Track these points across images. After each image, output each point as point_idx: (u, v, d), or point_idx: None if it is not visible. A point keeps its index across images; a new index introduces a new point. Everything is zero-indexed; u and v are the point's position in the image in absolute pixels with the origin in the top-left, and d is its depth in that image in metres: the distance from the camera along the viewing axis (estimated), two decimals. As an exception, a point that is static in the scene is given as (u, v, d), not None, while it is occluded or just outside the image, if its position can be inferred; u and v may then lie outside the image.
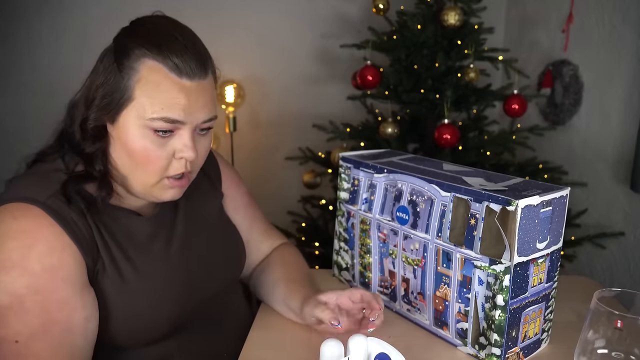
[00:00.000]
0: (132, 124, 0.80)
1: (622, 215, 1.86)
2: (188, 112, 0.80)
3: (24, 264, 0.74)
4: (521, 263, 0.80)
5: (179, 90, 0.79)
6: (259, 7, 2.50)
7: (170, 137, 0.81)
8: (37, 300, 0.74)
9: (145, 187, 0.84)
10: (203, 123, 0.83)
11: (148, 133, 0.80)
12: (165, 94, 0.78)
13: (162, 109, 0.78)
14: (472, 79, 1.73)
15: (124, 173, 0.84)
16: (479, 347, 0.86)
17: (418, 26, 1.81)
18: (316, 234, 2.09)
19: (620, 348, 0.64)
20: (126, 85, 0.79)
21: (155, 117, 0.78)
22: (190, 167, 0.85)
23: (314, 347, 0.78)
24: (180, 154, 0.82)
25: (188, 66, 0.79)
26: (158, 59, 0.79)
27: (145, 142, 0.80)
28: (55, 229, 0.77)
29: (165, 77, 0.79)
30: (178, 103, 0.79)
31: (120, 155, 0.83)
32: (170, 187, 0.85)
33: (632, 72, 1.80)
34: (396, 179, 0.98)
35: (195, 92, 0.81)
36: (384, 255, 1.01)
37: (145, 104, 0.79)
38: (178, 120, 0.80)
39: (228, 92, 2.40)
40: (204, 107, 0.82)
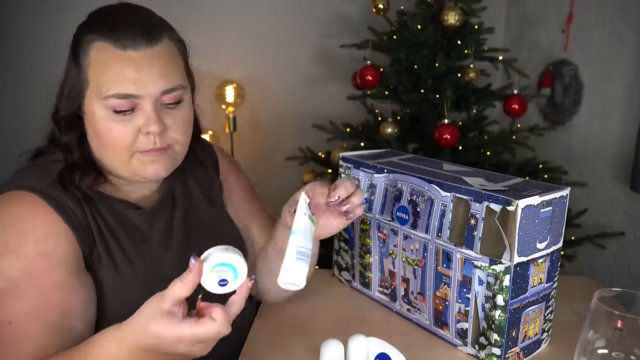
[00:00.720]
0: (94, 107, 0.80)
1: (622, 215, 1.86)
2: (140, 85, 0.77)
3: (19, 249, 0.75)
4: (521, 263, 0.80)
5: (127, 63, 0.77)
6: (259, 7, 2.50)
7: (133, 115, 0.79)
8: (33, 284, 0.74)
9: (122, 166, 0.83)
10: (164, 95, 0.80)
11: (109, 113, 0.79)
12: (114, 70, 0.77)
13: (114, 86, 0.77)
14: (472, 79, 1.73)
15: (100, 157, 0.85)
16: (479, 347, 0.86)
17: (418, 26, 1.81)
18: (316, 234, 2.09)
19: (621, 348, 0.64)
20: (82, 72, 0.80)
21: (108, 94, 0.77)
22: (160, 142, 0.81)
23: (314, 347, 0.78)
24: (145, 129, 0.80)
25: (131, 37, 0.77)
26: (102, 38, 0.78)
27: (107, 122, 0.79)
28: (52, 216, 0.77)
29: (112, 53, 0.77)
30: (128, 77, 0.77)
31: (92, 141, 0.84)
32: (149, 162, 0.82)
33: (632, 72, 1.80)
34: (396, 179, 0.98)
35: (145, 62, 0.78)
36: (384, 255, 1.01)
37: (99, 84, 0.78)
38: (131, 94, 0.77)
39: (228, 92, 2.40)
40: (160, 77, 0.79)
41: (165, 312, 0.63)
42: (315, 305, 1.05)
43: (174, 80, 0.81)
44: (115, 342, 0.67)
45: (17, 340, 0.73)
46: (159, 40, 0.80)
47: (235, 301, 0.66)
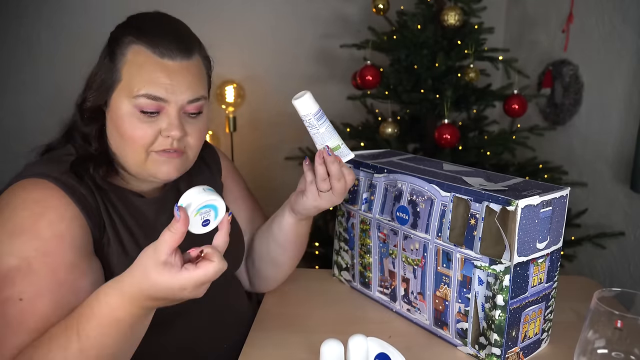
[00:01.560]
0: (121, 104, 0.84)
1: (622, 215, 1.86)
2: (171, 91, 0.84)
3: (34, 230, 0.77)
4: (521, 263, 0.80)
5: (161, 69, 0.83)
6: (259, 7, 2.50)
7: (157, 117, 0.85)
8: (46, 262, 0.77)
9: (137, 163, 0.87)
10: (189, 104, 0.86)
11: (135, 112, 0.84)
12: (148, 73, 0.83)
13: (145, 86, 0.83)
14: (472, 79, 1.73)
15: (117, 152, 0.89)
16: (479, 347, 0.86)
17: (418, 26, 1.81)
18: (316, 234, 2.09)
19: (620, 348, 0.64)
20: (116, 69, 0.85)
21: (139, 93, 0.83)
22: (177, 145, 0.86)
23: (314, 347, 0.78)
24: (166, 132, 0.85)
25: (169, 47, 0.84)
26: (142, 43, 0.84)
27: (132, 120, 0.84)
28: (66, 200, 0.81)
29: (148, 57, 0.83)
30: (161, 81, 0.83)
31: (112, 135, 0.88)
32: (162, 162, 0.87)
33: (632, 72, 1.80)
34: (396, 179, 0.98)
35: (179, 72, 0.85)
36: (384, 255, 1.01)
37: (131, 83, 0.83)
38: (161, 98, 0.83)
39: (228, 92, 2.40)
40: (189, 88, 0.85)
41: (162, 263, 0.66)
42: (315, 305, 1.05)
43: (199, 92, 0.87)
44: (115, 295, 0.69)
45: (27, 317, 0.74)
46: (192, 55, 0.87)
47: (221, 237, 0.71)
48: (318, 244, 2.05)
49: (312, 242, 2.08)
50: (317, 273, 1.22)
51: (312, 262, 2.13)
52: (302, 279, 1.17)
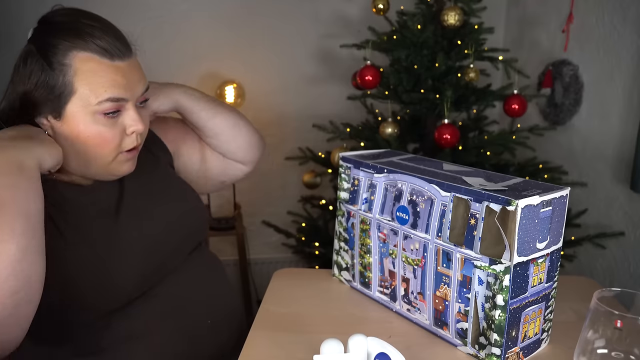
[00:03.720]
0: (80, 114, 0.87)
1: (622, 215, 1.86)
2: (129, 89, 0.89)
3: None
4: (521, 263, 0.80)
5: (115, 71, 0.87)
6: (259, 7, 2.50)
7: (118, 116, 0.90)
8: None
9: (102, 165, 0.92)
10: (141, 96, 0.93)
11: (99, 117, 0.87)
12: (104, 78, 0.86)
13: (106, 91, 0.86)
14: (472, 79, 1.73)
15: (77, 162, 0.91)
16: (478, 347, 0.86)
17: (418, 26, 1.81)
18: (316, 234, 2.09)
19: (620, 348, 0.64)
20: (64, 82, 0.85)
21: (101, 99, 0.86)
22: (140, 140, 0.95)
23: (314, 347, 0.78)
24: (131, 129, 0.91)
25: (116, 48, 0.87)
26: (86, 49, 0.85)
27: (98, 127, 0.87)
28: None
29: (99, 63, 0.86)
30: (118, 83, 0.87)
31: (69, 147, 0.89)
32: (126, 160, 0.94)
33: (632, 72, 1.80)
34: (396, 179, 0.98)
35: (130, 69, 0.89)
36: (384, 255, 1.01)
37: (89, 93, 0.86)
38: (122, 98, 0.88)
39: (228, 92, 2.40)
40: (140, 81, 0.91)
41: None
42: (315, 305, 1.05)
43: (146, 81, 0.94)
44: None
45: None
46: (132, 50, 0.92)
47: None
48: (318, 244, 2.05)
49: (312, 242, 2.08)
50: (317, 273, 1.22)
51: (312, 262, 2.13)
52: (302, 279, 1.17)
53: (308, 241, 2.10)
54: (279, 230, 2.18)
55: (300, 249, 2.16)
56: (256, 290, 2.64)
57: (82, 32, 0.85)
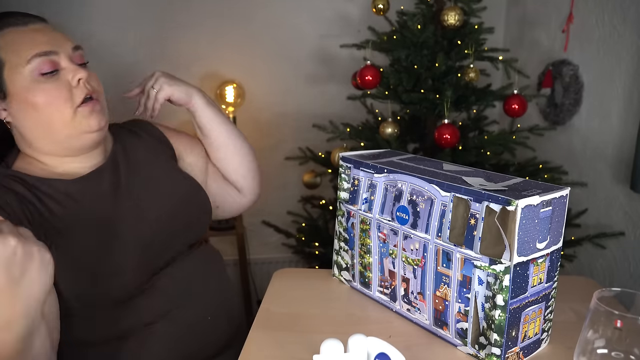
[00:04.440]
0: (20, 82, 0.88)
1: (622, 215, 1.86)
2: (54, 43, 0.91)
3: None
4: (521, 263, 0.80)
5: (34, 32, 0.91)
6: (259, 7, 2.50)
7: (58, 75, 0.91)
8: None
9: (66, 124, 0.91)
10: (74, 52, 0.94)
11: (38, 78, 0.88)
12: (25, 40, 0.89)
13: (31, 49, 0.88)
14: (472, 79, 1.73)
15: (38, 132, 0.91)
16: (478, 347, 0.86)
17: (418, 26, 1.81)
18: (316, 234, 2.09)
19: (620, 348, 0.64)
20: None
21: (29, 57, 0.87)
22: (90, 87, 0.94)
23: (314, 347, 0.78)
24: (74, 78, 0.91)
25: (26, 17, 0.92)
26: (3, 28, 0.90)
27: (39, 86, 0.88)
28: None
29: (17, 32, 0.90)
30: (40, 40, 0.90)
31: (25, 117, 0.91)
32: (89, 113, 0.93)
33: (632, 72, 1.80)
34: (396, 179, 0.98)
35: (48, 30, 0.93)
36: (384, 255, 1.01)
37: (16, 57, 0.88)
38: (50, 51, 0.90)
39: (228, 92, 2.40)
40: (65, 38, 0.94)
41: None
42: (315, 305, 1.05)
43: (75, 41, 0.95)
44: None
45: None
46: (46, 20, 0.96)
47: None
48: (318, 244, 2.05)
49: (312, 242, 2.08)
50: (317, 273, 1.22)
51: (312, 262, 2.13)
52: (302, 279, 1.17)
53: (308, 241, 2.10)
54: (279, 230, 2.18)
55: (300, 249, 2.16)
56: (256, 290, 2.64)
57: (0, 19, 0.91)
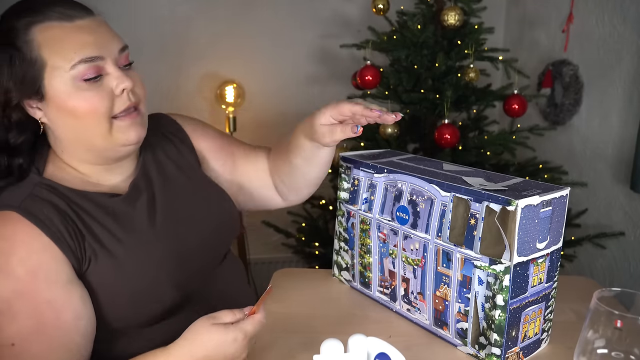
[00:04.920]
0: (61, 86, 0.81)
1: (622, 215, 1.86)
2: (100, 45, 0.82)
3: (7, 269, 0.75)
4: (521, 263, 0.80)
5: (79, 30, 0.81)
6: (258, 7, 2.50)
7: (101, 81, 0.83)
8: (24, 303, 0.75)
9: (103, 136, 0.85)
10: (120, 54, 0.85)
11: (80, 84, 0.81)
12: (70, 40, 0.80)
13: (76, 53, 0.80)
14: (472, 79, 1.73)
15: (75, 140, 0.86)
16: (478, 347, 0.86)
17: (418, 26, 1.81)
18: (316, 234, 2.09)
19: (620, 348, 0.64)
20: (32, 58, 0.80)
21: (74, 62, 0.80)
22: (134, 98, 0.86)
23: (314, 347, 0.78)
24: (118, 88, 0.83)
25: (72, 9, 0.82)
26: (43, 20, 0.80)
27: (80, 93, 0.81)
28: (33, 231, 0.77)
29: (61, 28, 0.81)
30: (87, 40, 0.81)
31: (63, 125, 0.84)
32: (128, 126, 0.86)
33: (632, 72, 1.80)
34: (396, 179, 0.98)
35: (95, 27, 0.83)
36: (384, 255, 1.01)
37: (59, 60, 0.80)
38: (96, 56, 0.81)
39: (228, 92, 2.40)
40: (112, 37, 0.85)
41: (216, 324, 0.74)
42: (315, 305, 1.05)
43: (122, 40, 0.87)
44: None
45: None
46: (93, 12, 0.86)
47: None
48: (318, 244, 2.05)
49: (312, 242, 2.08)
50: (317, 273, 1.22)
51: (312, 262, 2.13)
52: (302, 279, 1.17)
53: (308, 241, 2.10)
54: (279, 230, 2.17)
55: (300, 249, 2.16)
56: (256, 290, 2.64)
57: (35, 5, 0.82)
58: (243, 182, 1.11)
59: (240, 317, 0.77)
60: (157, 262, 0.88)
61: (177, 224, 0.94)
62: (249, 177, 1.11)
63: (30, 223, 0.78)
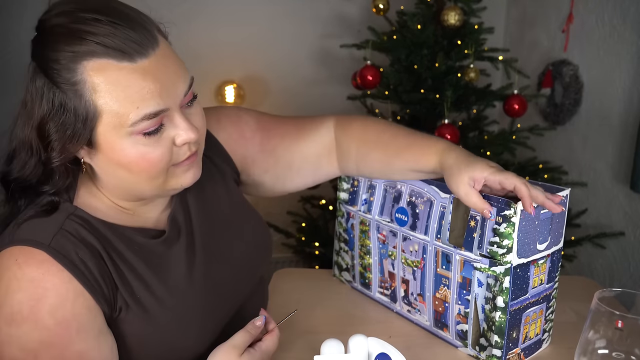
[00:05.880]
0: (114, 138, 0.68)
1: (622, 215, 1.86)
2: (165, 95, 0.68)
3: (35, 318, 0.67)
4: (521, 264, 0.80)
5: (142, 76, 0.66)
6: (258, 7, 2.50)
7: (162, 131, 0.70)
8: (52, 355, 0.68)
9: (155, 189, 0.75)
10: (185, 95, 0.72)
11: (138, 138, 0.68)
12: (131, 88, 0.66)
13: (138, 107, 0.66)
14: (472, 79, 1.73)
15: (126, 188, 0.75)
16: (479, 349, 0.86)
17: (418, 26, 1.81)
18: (316, 234, 2.09)
19: (621, 348, 0.64)
20: (83, 104, 0.66)
21: (136, 120, 0.67)
22: (195, 147, 0.75)
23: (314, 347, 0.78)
24: (180, 140, 0.71)
25: (134, 43, 0.66)
26: (94, 55, 0.65)
27: (139, 148, 0.69)
28: (65, 276, 0.68)
29: (118, 70, 0.65)
30: (149, 91, 0.67)
31: (114, 175, 0.73)
32: (184, 171, 0.75)
33: (632, 72, 1.80)
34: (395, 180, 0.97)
35: (161, 67, 0.68)
36: (383, 256, 1.01)
37: (117, 113, 0.67)
38: (161, 110, 0.68)
39: (228, 92, 2.40)
40: (178, 78, 0.70)
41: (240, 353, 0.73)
42: (315, 305, 1.05)
43: (187, 74, 0.73)
44: None
45: None
46: (158, 36, 0.70)
47: None
48: (318, 244, 2.05)
49: (312, 242, 2.08)
50: (317, 273, 1.22)
51: (312, 262, 2.13)
52: (302, 279, 1.17)
53: (308, 241, 2.09)
54: (279, 230, 2.17)
55: (300, 249, 2.16)
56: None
57: (85, 33, 0.64)
58: (286, 170, 0.99)
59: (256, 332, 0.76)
60: (193, 318, 0.81)
61: (215, 265, 0.85)
62: (295, 163, 0.99)
63: (61, 266, 0.68)
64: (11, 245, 0.69)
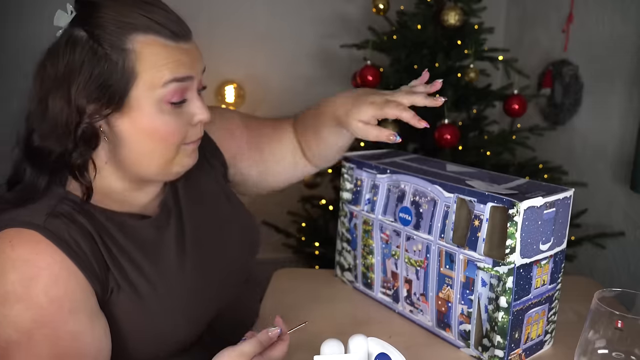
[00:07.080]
0: (144, 103, 0.76)
1: (622, 215, 1.86)
2: (191, 66, 0.79)
3: (29, 297, 0.69)
4: (524, 265, 0.80)
5: (179, 52, 0.77)
6: (259, 7, 2.50)
7: (182, 107, 0.79)
8: (46, 334, 0.69)
9: (164, 163, 0.80)
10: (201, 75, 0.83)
11: (164, 107, 0.76)
12: (169, 60, 0.76)
13: (171, 72, 0.76)
14: (472, 79, 1.73)
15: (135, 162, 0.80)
16: (482, 349, 0.86)
17: (418, 26, 1.81)
18: (316, 234, 2.09)
19: (621, 348, 0.64)
20: (124, 67, 0.74)
21: (167, 79, 0.75)
22: (201, 132, 0.84)
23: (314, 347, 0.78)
24: (197, 118, 0.81)
25: (180, 28, 0.78)
26: (148, 31, 0.75)
27: (164, 117, 0.77)
28: (58, 256, 0.71)
29: (164, 47, 0.76)
30: (183, 62, 0.77)
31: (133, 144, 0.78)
32: (188, 154, 0.83)
33: (632, 72, 1.80)
34: (399, 180, 0.98)
35: (193, 50, 0.81)
36: (386, 256, 1.01)
37: (153, 76, 0.75)
38: (188, 76, 0.78)
39: (228, 92, 2.40)
40: (200, 58, 0.83)
41: None
42: (316, 306, 1.05)
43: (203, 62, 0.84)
44: None
45: None
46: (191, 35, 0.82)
47: None
48: (318, 244, 2.05)
49: (312, 242, 2.08)
50: (319, 273, 1.22)
51: (312, 262, 2.13)
52: (303, 279, 1.17)
53: (308, 241, 2.10)
54: (279, 230, 2.17)
55: (301, 249, 2.16)
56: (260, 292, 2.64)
57: (142, 10, 0.75)
58: (270, 164, 1.07)
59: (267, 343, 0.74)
60: (183, 303, 0.83)
61: (205, 253, 0.88)
62: (276, 158, 1.07)
63: (55, 246, 0.70)
64: (5, 228, 0.71)
